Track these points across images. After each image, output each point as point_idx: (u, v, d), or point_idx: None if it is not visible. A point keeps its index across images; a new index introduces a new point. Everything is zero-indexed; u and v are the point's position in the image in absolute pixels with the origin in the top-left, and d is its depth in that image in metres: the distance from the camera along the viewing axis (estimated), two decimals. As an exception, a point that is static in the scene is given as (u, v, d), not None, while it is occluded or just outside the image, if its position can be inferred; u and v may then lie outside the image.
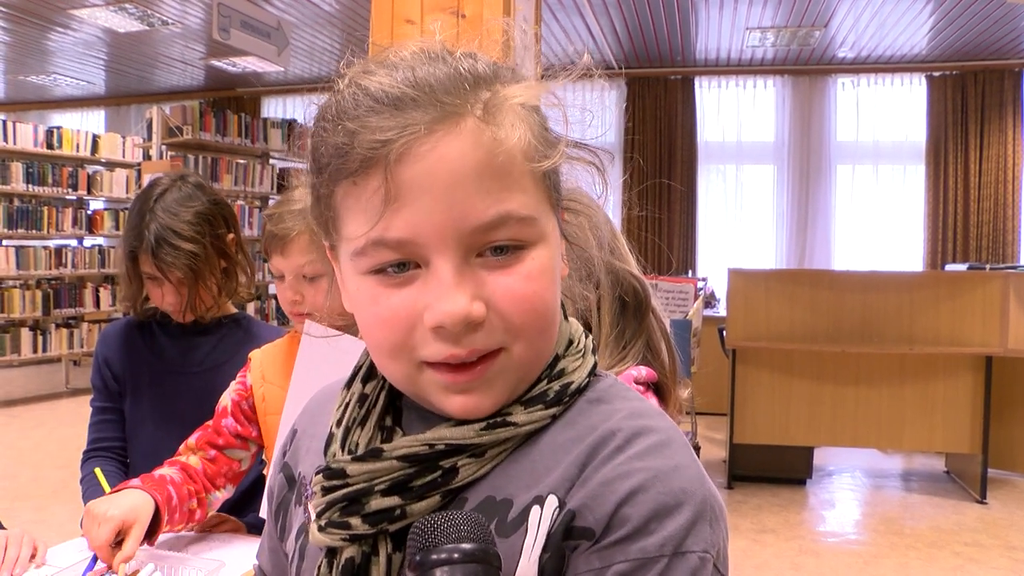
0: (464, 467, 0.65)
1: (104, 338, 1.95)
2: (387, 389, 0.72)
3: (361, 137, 0.61)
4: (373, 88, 0.63)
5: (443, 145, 0.61)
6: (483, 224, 0.61)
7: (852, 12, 7.10)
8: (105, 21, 7.36)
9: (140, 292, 1.83)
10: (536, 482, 0.65)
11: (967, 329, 4.90)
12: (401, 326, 0.63)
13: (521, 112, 0.65)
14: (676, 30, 7.76)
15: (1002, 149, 8.58)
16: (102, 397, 1.92)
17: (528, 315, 0.64)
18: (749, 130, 9.23)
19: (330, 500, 0.66)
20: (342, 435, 0.70)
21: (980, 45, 8.06)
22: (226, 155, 7.69)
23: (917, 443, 5.10)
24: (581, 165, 0.72)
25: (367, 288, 0.65)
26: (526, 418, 0.66)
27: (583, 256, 1.17)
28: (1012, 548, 4.18)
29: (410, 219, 0.61)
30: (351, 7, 7.16)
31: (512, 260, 0.63)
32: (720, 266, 8.26)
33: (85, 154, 8.56)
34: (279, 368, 1.65)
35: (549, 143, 0.66)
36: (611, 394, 0.70)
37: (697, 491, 0.62)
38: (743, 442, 5.08)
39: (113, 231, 8.69)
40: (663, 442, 0.64)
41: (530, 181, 0.64)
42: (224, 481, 1.63)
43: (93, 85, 10.26)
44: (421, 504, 0.64)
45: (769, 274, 6.10)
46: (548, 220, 0.66)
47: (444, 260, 0.62)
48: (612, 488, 0.62)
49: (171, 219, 1.76)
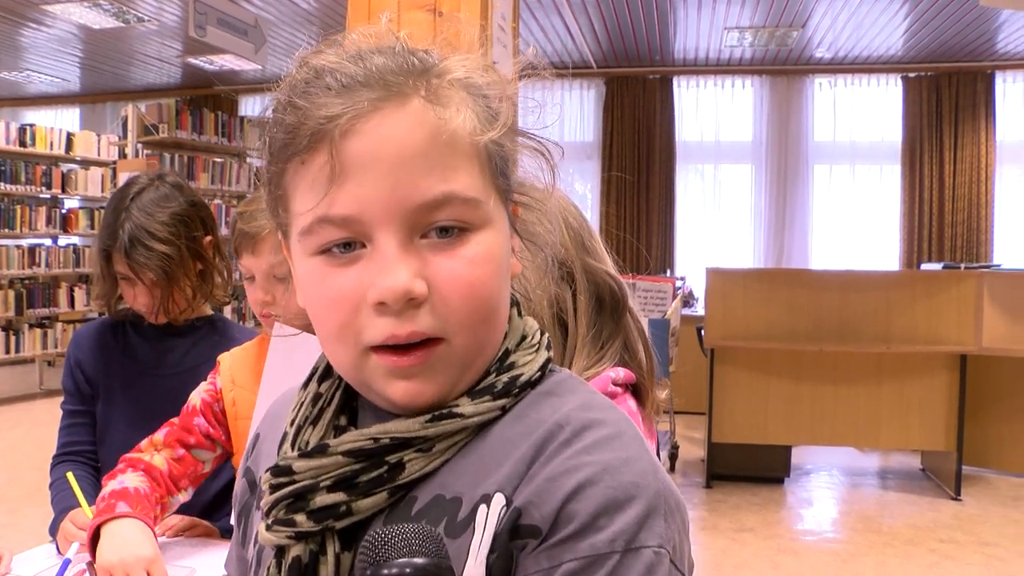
0: (411, 462, 0.64)
1: (76, 340, 1.91)
2: (343, 388, 0.71)
3: (309, 114, 0.62)
4: (322, 67, 0.64)
5: (389, 122, 0.61)
6: (427, 202, 0.61)
7: (829, 13, 7.14)
8: (79, 17, 7.27)
9: (114, 291, 1.80)
10: (485, 478, 0.63)
11: (943, 328, 4.95)
12: (347, 306, 0.63)
13: (466, 96, 0.65)
14: (655, 29, 7.78)
15: (975, 150, 8.67)
16: (73, 400, 1.88)
17: (469, 301, 0.63)
18: (727, 130, 9.27)
19: (276, 498, 0.66)
20: (294, 434, 0.70)
21: (954, 47, 8.14)
22: (203, 154, 7.62)
23: (894, 441, 5.14)
24: (527, 152, 0.72)
25: (314, 270, 0.64)
26: (472, 409, 0.65)
27: (557, 256, 1.16)
28: (986, 544, 4.22)
29: (355, 195, 0.61)
30: (329, 5, 7.12)
31: (456, 243, 0.63)
32: (698, 265, 8.29)
33: (59, 152, 8.45)
34: (249, 372, 1.62)
35: (492, 123, 0.66)
36: (563, 387, 0.69)
37: (649, 484, 0.60)
38: (721, 441, 5.10)
39: (88, 230, 8.59)
40: (613, 435, 0.63)
41: (475, 164, 0.64)
42: (187, 483, 1.58)
43: (67, 82, 10.14)
44: (367, 500, 0.63)
45: (747, 273, 6.13)
46: (495, 206, 0.66)
47: (388, 237, 0.62)
48: (558, 484, 0.60)
49: (146, 219, 1.73)
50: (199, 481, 1.62)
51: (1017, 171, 8.79)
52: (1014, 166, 8.79)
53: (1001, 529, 4.45)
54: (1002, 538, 4.31)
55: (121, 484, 1.47)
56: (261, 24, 6.49)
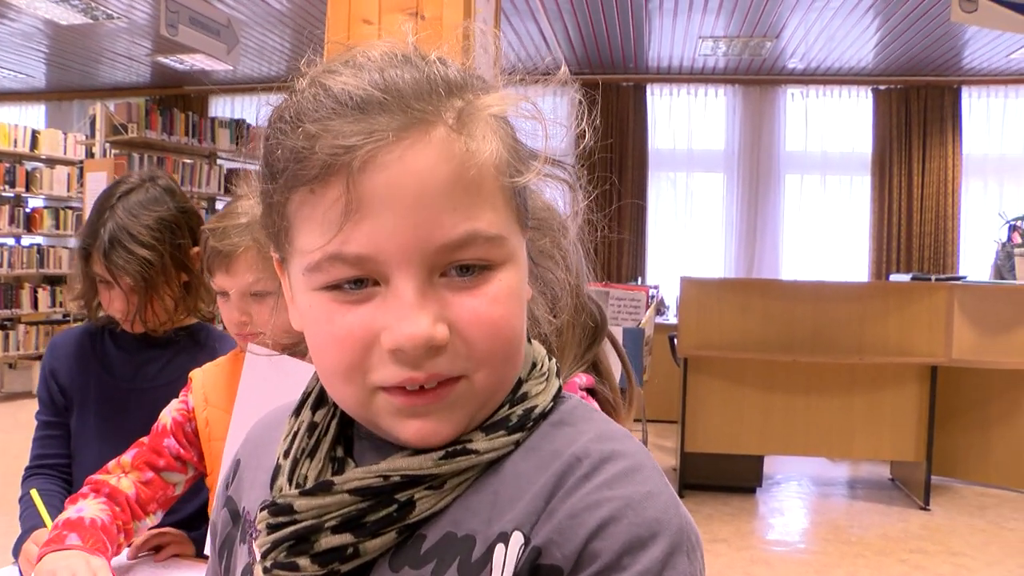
0: (422, 500, 0.60)
1: (52, 349, 1.83)
2: (339, 417, 0.67)
3: (322, 142, 0.56)
4: (337, 89, 0.58)
5: (411, 154, 0.56)
6: (450, 242, 0.57)
7: (803, 24, 7.21)
8: (46, 12, 7.13)
9: (92, 293, 1.71)
10: (499, 516, 0.60)
11: (914, 339, 5.00)
12: (356, 347, 0.58)
13: (494, 124, 0.61)
14: (629, 37, 7.80)
15: (943, 162, 8.80)
16: (47, 411, 1.80)
17: (494, 341, 0.60)
18: (699, 138, 9.31)
19: (276, 539, 0.61)
20: (289, 467, 0.65)
21: (923, 61, 8.25)
22: (172, 154, 7.51)
23: (865, 451, 5.18)
24: (554, 183, 0.68)
25: (320, 305, 0.59)
26: (487, 445, 0.61)
27: (547, 278, 1.13)
28: (954, 554, 4.26)
29: (371, 233, 0.56)
30: (302, 6, 7.06)
31: (479, 281, 0.59)
32: (669, 273, 8.33)
33: (24, 150, 8.27)
34: (222, 390, 1.54)
35: (522, 158, 0.63)
36: (576, 416, 0.65)
37: (672, 520, 0.58)
38: (694, 450, 5.10)
39: (53, 230, 8.43)
40: (633, 467, 0.60)
41: (500, 198, 0.60)
42: (156, 507, 1.50)
43: (32, 79, 9.94)
44: (375, 541, 0.60)
45: (722, 283, 6.16)
46: (517, 240, 0.62)
47: (406, 279, 0.57)
48: (580, 521, 0.57)
49: (130, 220, 1.65)
50: (170, 503, 1.54)
51: (981, 184, 8.94)
52: (978, 179, 8.94)
53: (968, 539, 4.50)
54: (969, 547, 4.36)
55: (78, 513, 1.39)
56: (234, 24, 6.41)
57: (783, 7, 6.75)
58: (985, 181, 8.94)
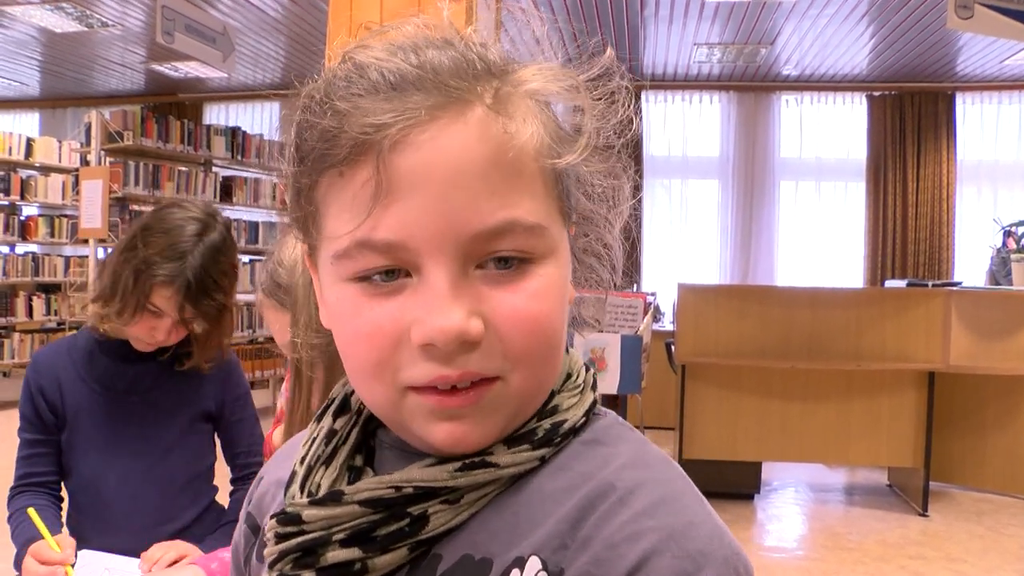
0: (436, 515, 0.57)
1: (36, 366, 1.75)
2: (360, 425, 0.64)
3: (352, 120, 0.53)
4: (369, 66, 0.55)
5: (446, 134, 0.53)
6: (486, 230, 0.54)
7: (797, 31, 7.24)
8: (40, 20, 7.12)
9: (131, 312, 1.61)
10: (520, 539, 0.56)
11: (911, 345, 5.00)
12: (384, 343, 0.55)
13: (534, 106, 0.57)
14: (624, 44, 7.81)
15: (937, 168, 8.83)
16: (33, 429, 1.73)
17: (532, 339, 0.55)
18: (694, 145, 9.33)
19: (283, 550, 0.58)
20: (303, 475, 0.62)
21: (917, 67, 8.29)
22: (167, 162, 7.48)
23: (863, 458, 5.18)
24: (600, 173, 0.63)
25: (348, 298, 0.56)
26: (508, 459, 0.57)
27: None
28: (953, 560, 4.26)
29: (402, 218, 0.53)
30: (298, 14, 7.06)
31: (517, 275, 0.55)
32: (664, 280, 8.33)
33: (18, 157, 8.25)
34: None
35: (565, 141, 0.58)
36: (610, 435, 0.61)
37: (716, 552, 0.53)
38: (692, 457, 5.09)
39: (48, 238, 8.40)
40: (673, 494, 0.56)
41: (541, 185, 0.56)
42: None
43: (27, 86, 9.93)
44: (385, 557, 0.56)
45: (719, 290, 6.16)
46: (559, 232, 0.58)
47: (438, 268, 0.53)
48: (620, 553, 0.53)
49: (212, 265, 1.62)
50: None
51: (975, 190, 8.97)
52: (972, 185, 8.97)
53: (967, 545, 4.49)
54: (968, 554, 4.35)
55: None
56: (229, 32, 6.41)
57: (777, 14, 6.77)
58: (979, 187, 8.98)
